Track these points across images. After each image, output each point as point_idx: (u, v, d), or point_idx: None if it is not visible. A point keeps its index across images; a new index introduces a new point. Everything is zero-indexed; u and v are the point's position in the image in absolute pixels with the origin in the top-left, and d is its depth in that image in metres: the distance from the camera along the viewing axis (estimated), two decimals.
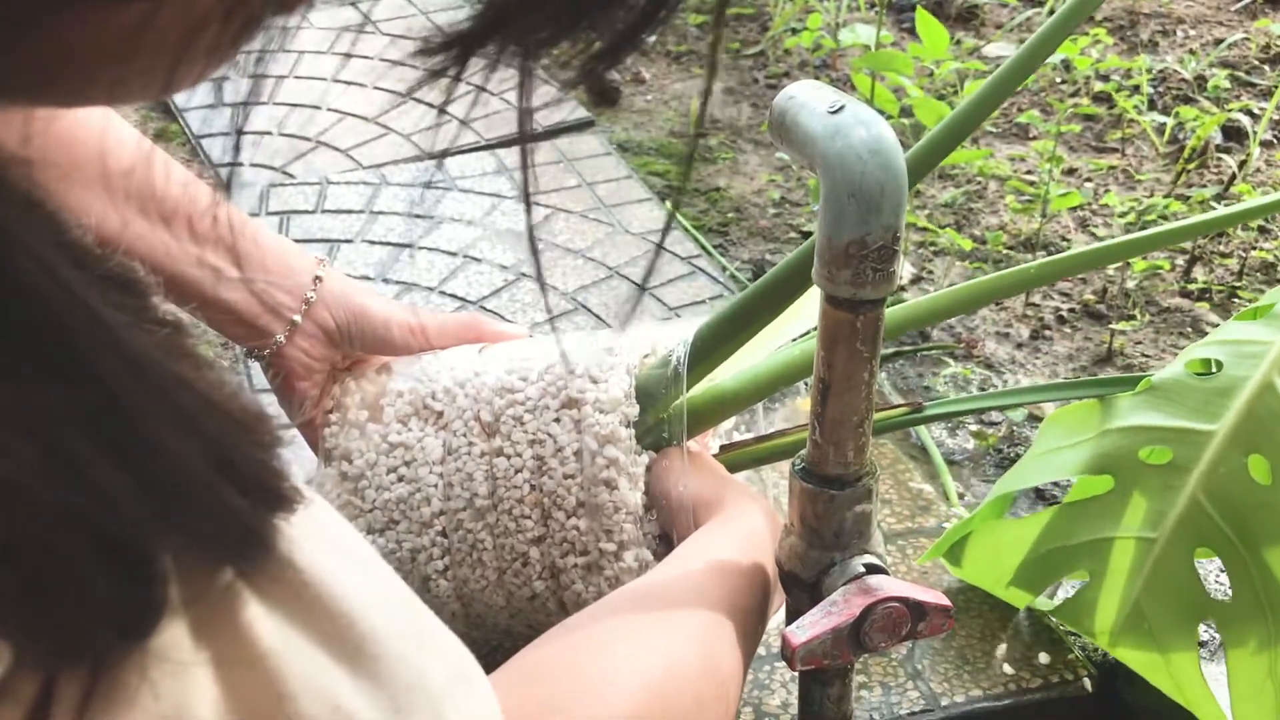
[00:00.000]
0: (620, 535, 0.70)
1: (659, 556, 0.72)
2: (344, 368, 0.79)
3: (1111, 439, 0.78)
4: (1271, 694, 0.74)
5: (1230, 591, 0.75)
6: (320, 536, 0.31)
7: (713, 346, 0.73)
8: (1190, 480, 0.75)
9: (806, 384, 1.12)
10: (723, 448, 0.81)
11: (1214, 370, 0.76)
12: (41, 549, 0.23)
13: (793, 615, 0.65)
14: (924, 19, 1.28)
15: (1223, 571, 0.78)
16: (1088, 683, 0.85)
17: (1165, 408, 0.76)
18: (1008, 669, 0.85)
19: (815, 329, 0.78)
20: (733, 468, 0.79)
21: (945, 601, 0.61)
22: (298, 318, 0.73)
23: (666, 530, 0.72)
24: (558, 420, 0.72)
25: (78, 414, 0.23)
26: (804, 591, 0.64)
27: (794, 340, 0.78)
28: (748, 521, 0.68)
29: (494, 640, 0.82)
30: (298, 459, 0.85)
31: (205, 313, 0.71)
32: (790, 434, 0.79)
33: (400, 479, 0.74)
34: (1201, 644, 0.90)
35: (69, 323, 0.23)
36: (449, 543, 0.74)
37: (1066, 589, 0.86)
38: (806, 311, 0.78)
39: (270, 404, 0.81)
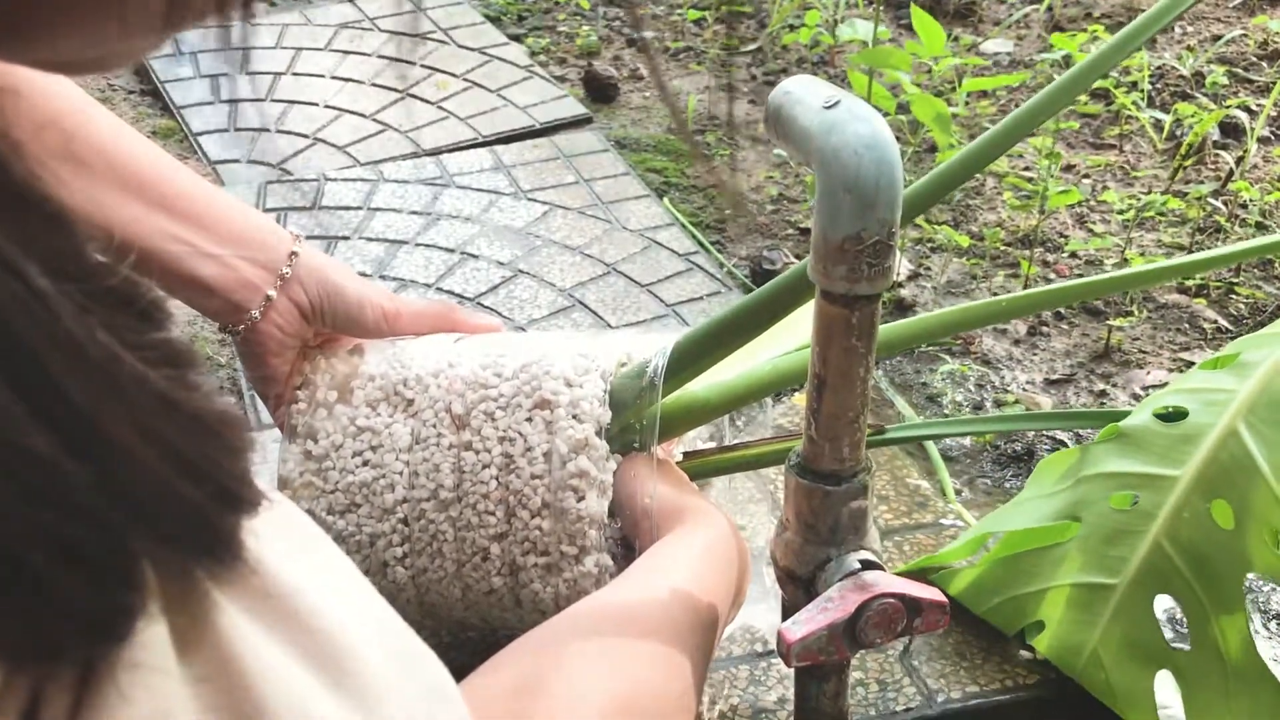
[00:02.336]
0: (583, 540, 0.71)
1: (617, 559, 0.72)
2: (315, 345, 0.78)
3: (1084, 486, 0.80)
4: None
5: (1189, 639, 0.76)
6: (298, 550, 0.31)
7: (692, 359, 0.73)
8: (1154, 525, 0.77)
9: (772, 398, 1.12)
10: (686, 455, 0.82)
11: (1171, 414, 0.78)
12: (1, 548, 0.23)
13: (788, 611, 0.65)
14: (919, 17, 1.28)
15: (1182, 624, 0.79)
16: None
17: (1135, 454, 0.78)
18: (1004, 665, 0.85)
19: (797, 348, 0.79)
20: (695, 476, 0.79)
21: (941, 597, 0.61)
22: (273, 292, 0.72)
23: (629, 536, 0.72)
24: (529, 420, 0.72)
25: (35, 416, 0.23)
26: (800, 588, 0.64)
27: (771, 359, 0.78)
28: (710, 535, 0.68)
29: (446, 629, 0.82)
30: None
31: (178, 287, 0.70)
32: (754, 446, 0.80)
33: (365, 463, 0.74)
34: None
35: (27, 329, 0.23)
36: (410, 531, 0.74)
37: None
38: (787, 334, 0.79)
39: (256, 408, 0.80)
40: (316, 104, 1.73)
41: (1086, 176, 1.58)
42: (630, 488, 0.71)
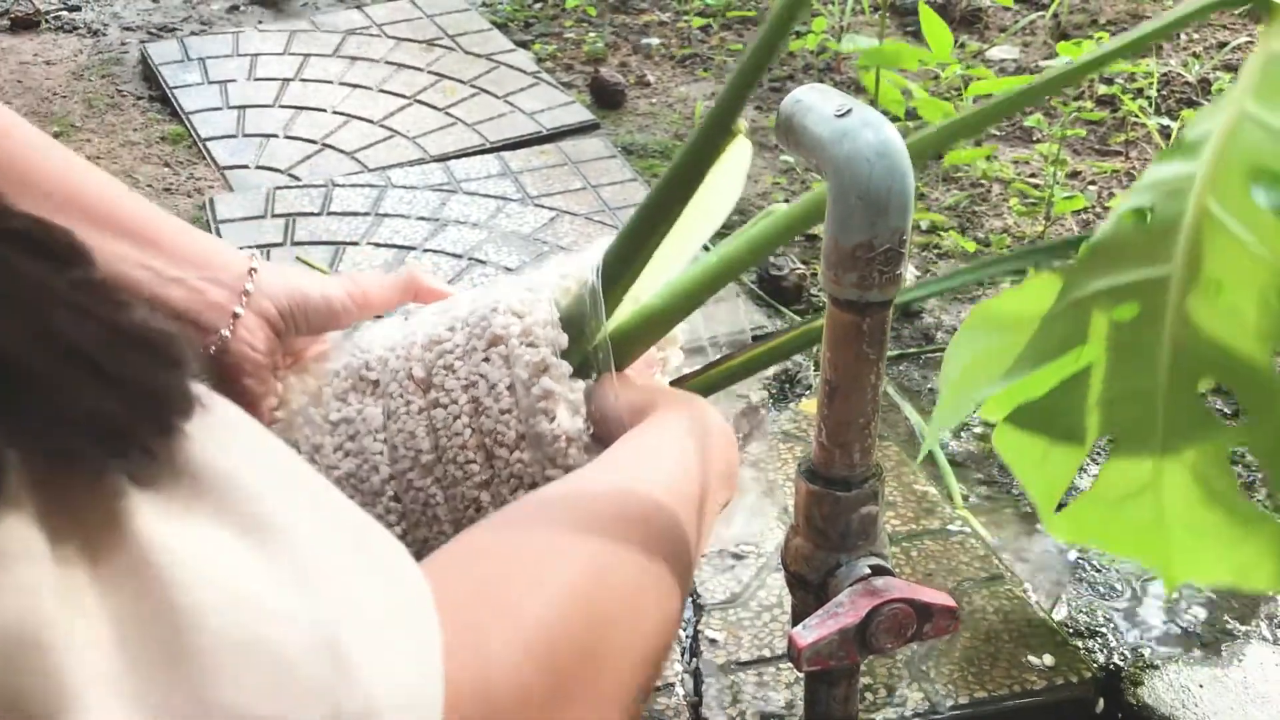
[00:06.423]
0: (564, 460, 0.70)
1: None
2: (286, 366, 0.79)
3: (1079, 311, 0.76)
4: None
5: (1246, 413, 0.73)
6: (237, 448, 0.32)
7: (625, 260, 0.72)
8: (1165, 325, 0.74)
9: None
10: (672, 383, 0.81)
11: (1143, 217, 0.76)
12: None
13: (799, 616, 0.66)
14: (928, 18, 1.28)
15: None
16: (1092, 685, 0.85)
17: (1120, 263, 0.76)
18: (1012, 671, 0.85)
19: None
20: None
21: (951, 603, 0.61)
22: (240, 309, 0.72)
23: None
24: (487, 359, 0.72)
25: None
26: (810, 593, 0.65)
27: (707, 248, 0.77)
28: (688, 412, 0.67)
29: None
30: None
31: None
32: (735, 358, 0.79)
33: (347, 454, 0.74)
34: (1201, 641, 0.90)
35: None
36: (402, 506, 0.74)
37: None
38: (712, 207, 0.77)
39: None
40: (324, 110, 1.74)
41: (1093, 183, 1.58)
42: (595, 403, 0.72)
